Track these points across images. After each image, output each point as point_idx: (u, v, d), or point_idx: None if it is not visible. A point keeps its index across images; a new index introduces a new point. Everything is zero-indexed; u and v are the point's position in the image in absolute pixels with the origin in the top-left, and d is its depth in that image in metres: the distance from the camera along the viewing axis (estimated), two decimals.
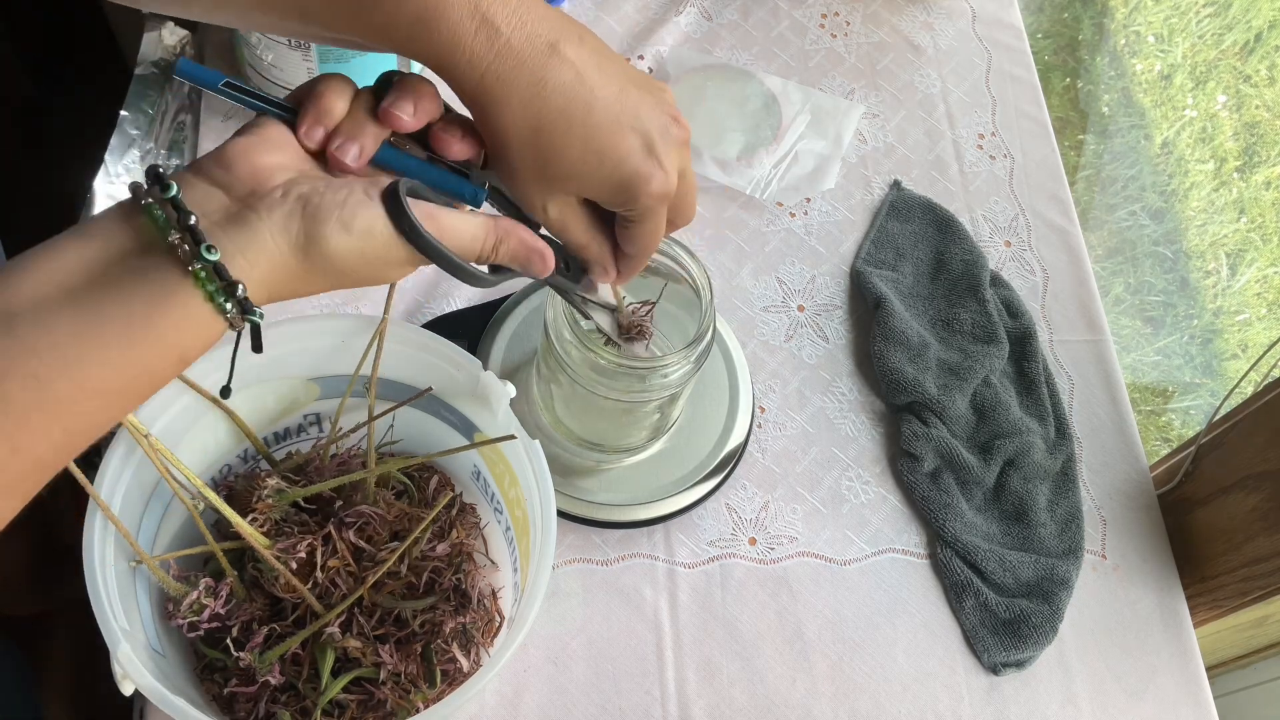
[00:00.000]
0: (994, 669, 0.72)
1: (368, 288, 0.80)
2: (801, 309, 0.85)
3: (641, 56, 0.96)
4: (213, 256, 0.36)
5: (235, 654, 0.56)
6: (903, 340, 0.81)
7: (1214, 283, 1.73)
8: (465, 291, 0.81)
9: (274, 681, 0.56)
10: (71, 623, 0.91)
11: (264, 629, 0.57)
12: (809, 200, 0.91)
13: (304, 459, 0.62)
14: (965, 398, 0.80)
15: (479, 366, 0.60)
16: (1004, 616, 0.73)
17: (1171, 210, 1.80)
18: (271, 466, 0.63)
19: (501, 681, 0.68)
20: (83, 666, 0.91)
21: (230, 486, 0.62)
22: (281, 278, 0.39)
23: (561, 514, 0.70)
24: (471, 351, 0.64)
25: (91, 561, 0.51)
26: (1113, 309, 1.67)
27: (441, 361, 0.61)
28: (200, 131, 0.85)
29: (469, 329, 0.76)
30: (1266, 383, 0.75)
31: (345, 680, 0.57)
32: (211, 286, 0.37)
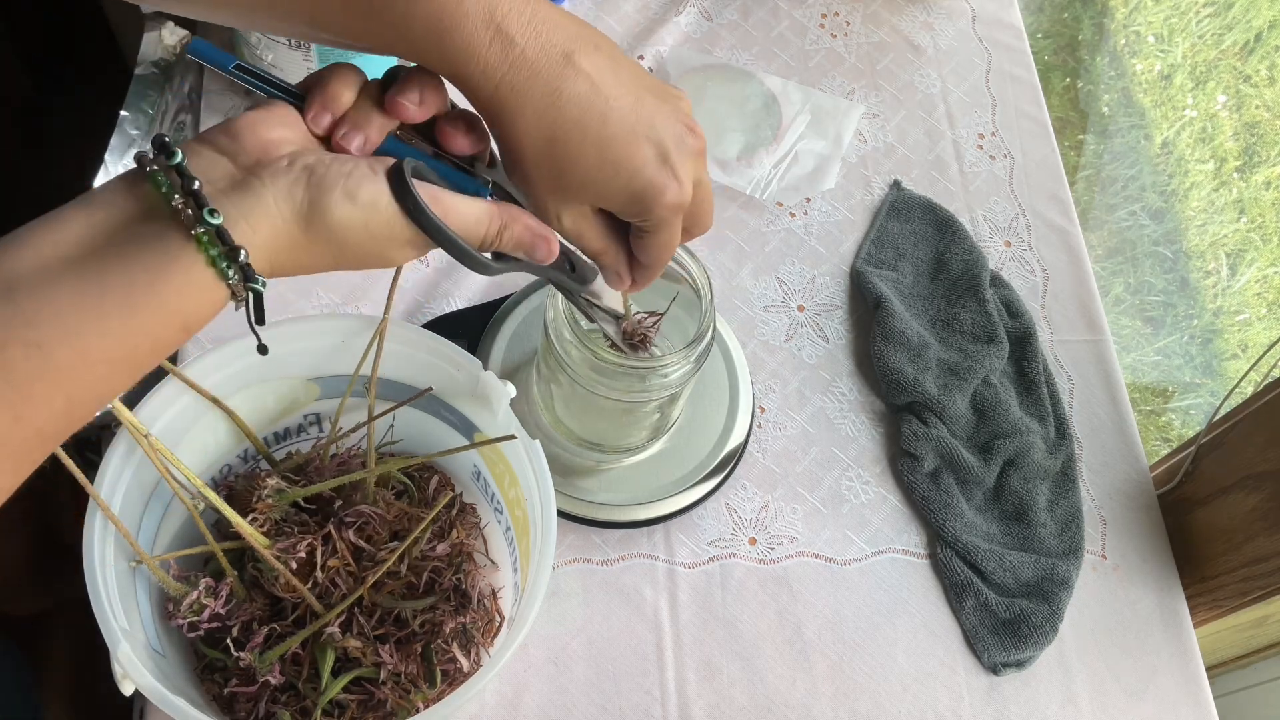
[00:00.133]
0: (994, 669, 0.72)
1: (367, 288, 0.80)
2: (801, 309, 0.85)
3: (641, 56, 0.95)
4: (215, 220, 0.36)
5: (235, 654, 0.56)
6: (903, 340, 0.81)
7: (1214, 283, 1.73)
8: (465, 291, 0.81)
9: (274, 681, 0.56)
10: (71, 622, 0.91)
11: (264, 629, 0.57)
12: (809, 200, 0.91)
13: (304, 459, 0.62)
14: (965, 398, 0.80)
15: (479, 366, 0.60)
16: (1004, 616, 0.73)
17: (1171, 210, 1.80)
18: (271, 466, 0.63)
19: (501, 681, 0.68)
20: (83, 666, 0.91)
21: (230, 486, 0.62)
22: (284, 245, 0.39)
23: (561, 514, 0.70)
24: (471, 351, 0.64)
25: (91, 561, 0.51)
26: (1113, 309, 1.67)
27: (441, 361, 0.61)
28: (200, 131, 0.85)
29: (469, 329, 0.76)
30: (1266, 383, 0.75)
31: (345, 680, 0.57)
32: (214, 251, 0.36)
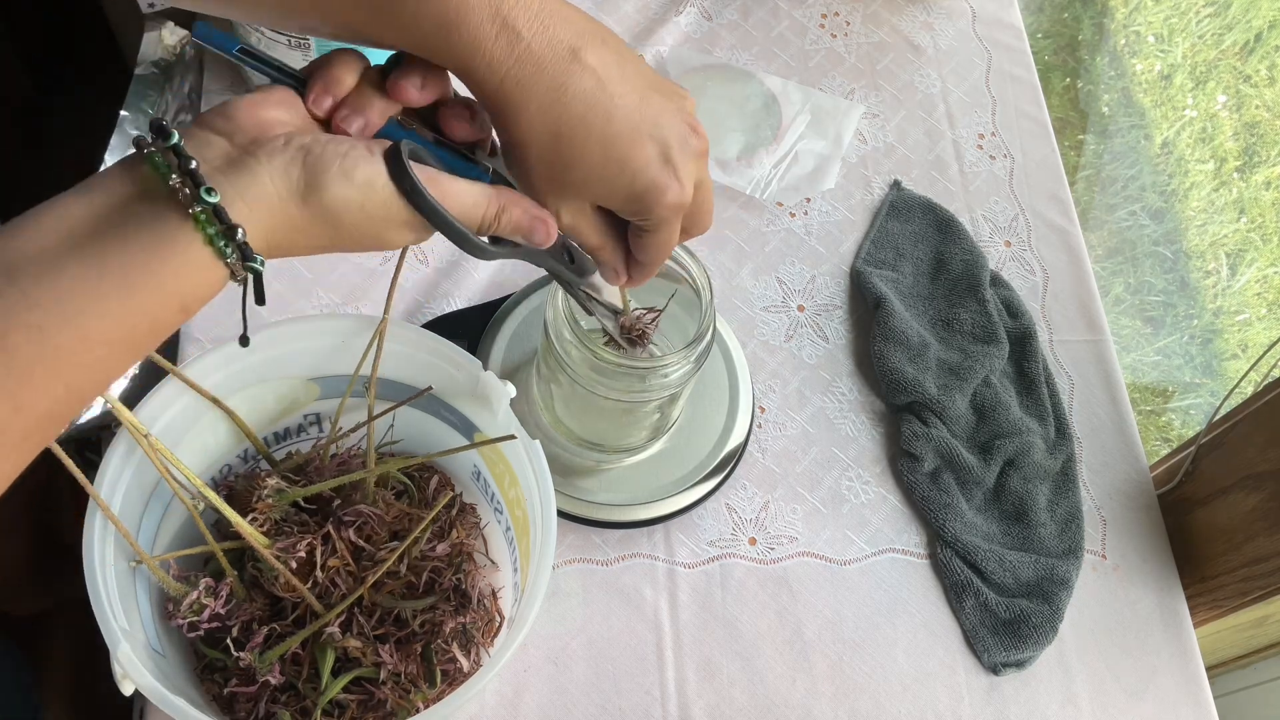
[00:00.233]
0: (994, 669, 0.72)
1: (368, 289, 0.80)
2: (801, 309, 0.85)
3: (641, 57, 0.95)
4: (213, 199, 0.36)
5: (235, 654, 0.56)
6: (903, 340, 0.81)
7: (1214, 283, 1.73)
8: (465, 291, 0.81)
9: (274, 681, 0.56)
10: (71, 622, 0.91)
11: (264, 629, 0.57)
12: (809, 200, 0.91)
13: (304, 459, 0.62)
14: (965, 398, 0.80)
15: (479, 366, 0.60)
16: (1004, 616, 0.73)
17: (1171, 210, 1.80)
18: (271, 466, 0.63)
19: (501, 681, 0.68)
20: (83, 666, 0.91)
21: (230, 486, 0.62)
22: (281, 224, 0.39)
23: (561, 514, 0.70)
24: (471, 351, 0.64)
25: (91, 561, 0.51)
26: (1113, 309, 1.67)
27: (441, 361, 0.61)
28: None
29: (469, 329, 0.76)
30: (1266, 383, 0.75)
31: (345, 680, 0.57)
32: (212, 229, 0.37)
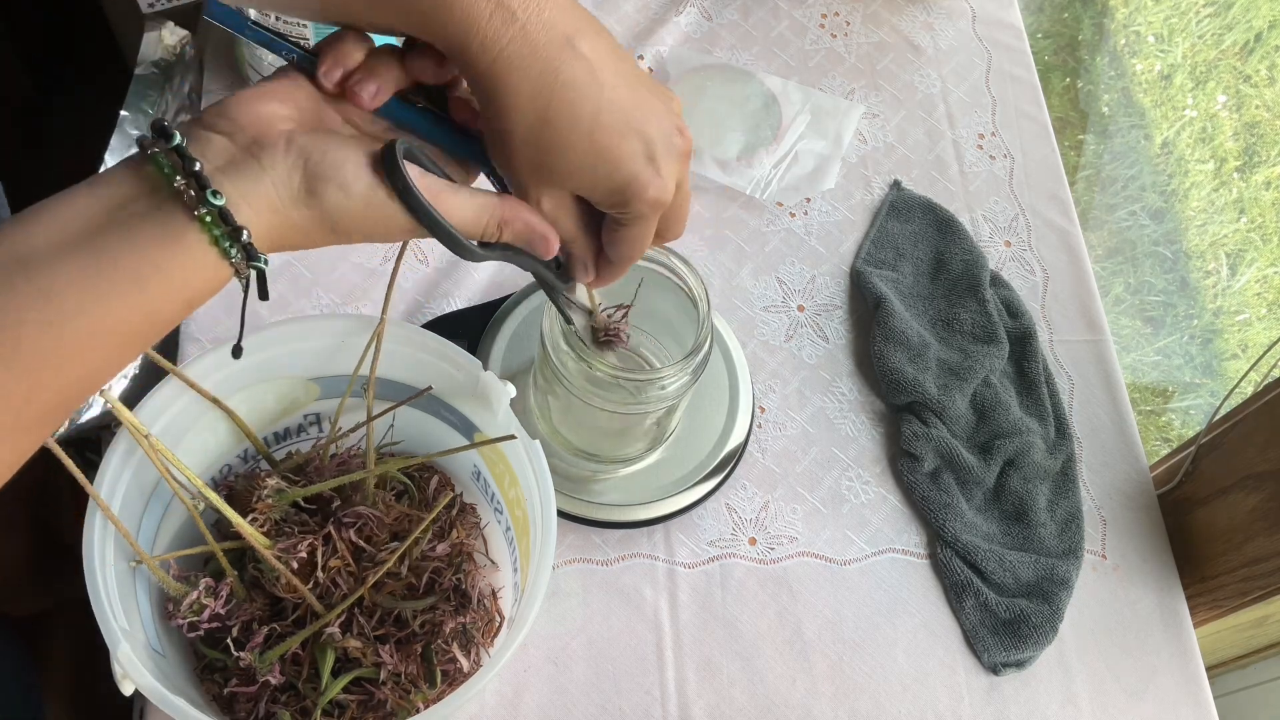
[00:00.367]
0: (994, 669, 0.72)
1: (368, 289, 0.80)
2: (801, 309, 0.85)
3: (641, 56, 0.96)
4: (218, 201, 0.37)
5: (236, 654, 0.56)
6: (903, 340, 0.81)
7: (1214, 283, 1.73)
8: (465, 291, 0.81)
9: (274, 681, 0.56)
10: (71, 622, 0.91)
11: (264, 629, 0.57)
12: (809, 200, 0.91)
13: (304, 459, 0.62)
14: (965, 398, 0.80)
15: (479, 366, 0.59)
16: (1004, 616, 0.73)
17: (1171, 210, 1.80)
18: (271, 466, 0.63)
19: (501, 681, 0.68)
20: (83, 666, 0.91)
21: (230, 486, 0.62)
22: (283, 225, 0.40)
23: (561, 514, 0.70)
24: (471, 351, 0.64)
25: (91, 561, 0.51)
26: (1113, 309, 1.67)
27: (441, 361, 0.61)
28: None
29: (469, 329, 0.76)
30: (1266, 383, 0.75)
31: (345, 680, 0.57)
32: (217, 231, 0.37)
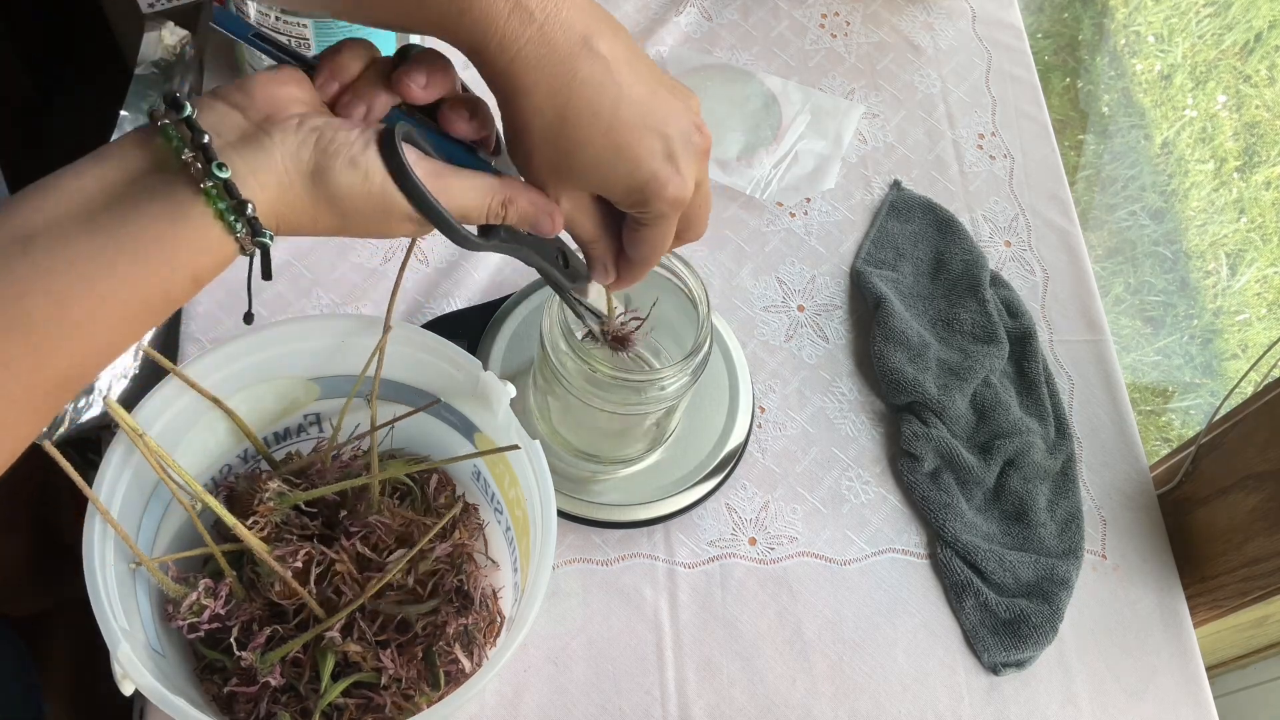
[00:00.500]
0: (994, 669, 0.72)
1: (367, 289, 0.80)
2: (801, 309, 0.85)
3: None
4: (224, 174, 0.37)
5: (238, 654, 0.56)
6: (903, 340, 0.81)
7: (1214, 283, 1.73)
8: (465, 291, 0.81)
9: (274, 683, 0.56)
10: (71, 622, 0.91)
11: (266, 630, 0.56)
12: (809, 200, 0.91)
13: (306, 462, 0.62)
14: (965, 398, 0.80)
15: (479, 367, 0.59)
16: (1004, 616, 0.73)
17: (1171, 210, 1.79)
18: (272, 467, 0.63)
19: (501, 681, 0.68)
20: (83, 666, 0.91)
21: (231, 487, 0.62)
22: (290, 204, 0.40)
23: (561, 514, 0.70)
24: (471, 352, 0.64)
25: (91, 562, 0.51)
26: (1113, 309, 1.67)
27: (441, 362, 0.61)
28: None
29: (469, 329, 0.76)
30: (1266, 383, 0.75)
31: (345, 684, 0.56)
32: (222, 204, 0.37)
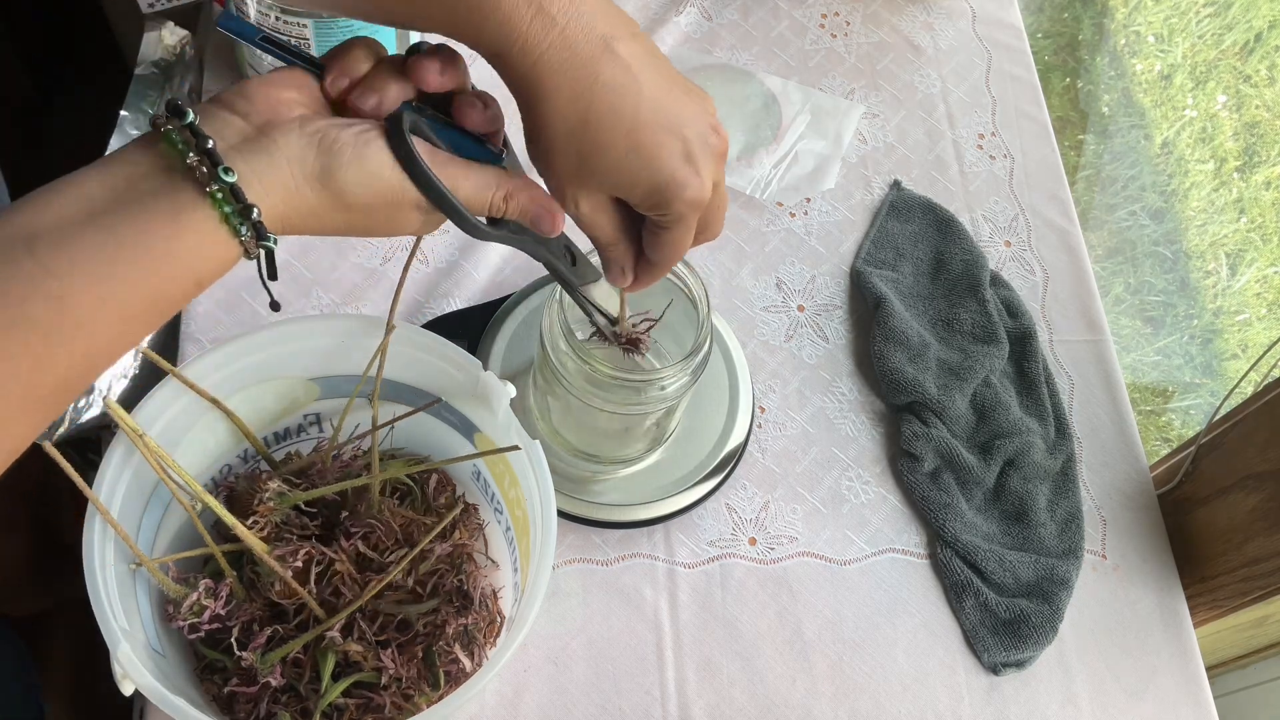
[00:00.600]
0: (994, 669, 0.72)
1: (367, 289, 0.80)
2: (801, 309, 0.85)
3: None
4: (230, 178, 0.37)
5: (239, 654, 0.56)
6: (903, 340, 0.81)
7: (1214, 283, 1.73)
8: (465, 291, 0.81)
9: (275, 683, 0.56)
10: (71, 622, 0.91)
11: (266, 630, 0.56)
12: (809, 200, 0.91)
13: (306, 463, 0.62)
14: (965, 398, 0.80)
15: (479, 367, 0.59)
16: (1004, 616, 0.73)
17: (1171, 210, 1.79)
18: (271, 467, 0.63)
19: (501, 681, 0.68)
20: (83, 666, 0.91)
21: (231, 488, 0.62)
22: (296, 205, 0.40)
23: (561, 514, 0.70)
24: (471, 351, 0.64)
25: (91, 562, 0.51)
26: (1113, 309, 1.67)
27: (442, 362, 0.61)
28: None
29: (469, 329, 0.76)
30: (1266, 383, 0.75)
31: (345, 684, 0.56)
32: (228, 208, 0.38)
